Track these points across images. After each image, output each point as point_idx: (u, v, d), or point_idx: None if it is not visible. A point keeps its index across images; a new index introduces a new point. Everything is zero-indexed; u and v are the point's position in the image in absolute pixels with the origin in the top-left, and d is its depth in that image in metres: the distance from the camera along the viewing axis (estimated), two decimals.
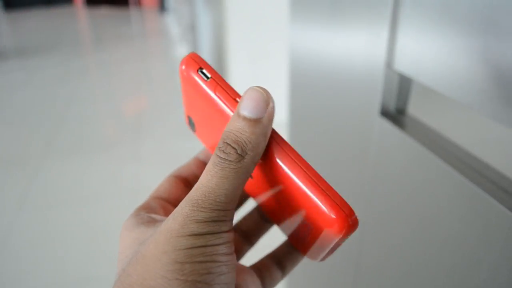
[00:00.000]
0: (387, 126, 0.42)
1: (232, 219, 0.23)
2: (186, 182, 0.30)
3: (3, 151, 2.20)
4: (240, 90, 0.26)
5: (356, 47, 0.45)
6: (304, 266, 0.74)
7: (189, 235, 0.21)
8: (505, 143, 0.54)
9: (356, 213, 0.20)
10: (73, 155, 2.12)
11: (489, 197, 0.30)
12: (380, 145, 0.44)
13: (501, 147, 0.52)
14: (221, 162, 0.21)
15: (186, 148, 2.07)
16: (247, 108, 0.21)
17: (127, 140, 2.25)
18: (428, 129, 0.40)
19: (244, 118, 0.21)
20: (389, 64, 0.41)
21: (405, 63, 0.38)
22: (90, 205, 1.70)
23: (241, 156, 0.21)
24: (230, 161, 0.21)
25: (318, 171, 0.25)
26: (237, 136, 0.21)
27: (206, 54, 2.23)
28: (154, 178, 0.28)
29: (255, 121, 0.21)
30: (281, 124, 0.49)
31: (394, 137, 0.41)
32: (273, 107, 0.22)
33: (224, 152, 0.21)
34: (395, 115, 0.43)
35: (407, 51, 0.38)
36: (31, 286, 1.33)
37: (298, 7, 0.60)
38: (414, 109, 0.43)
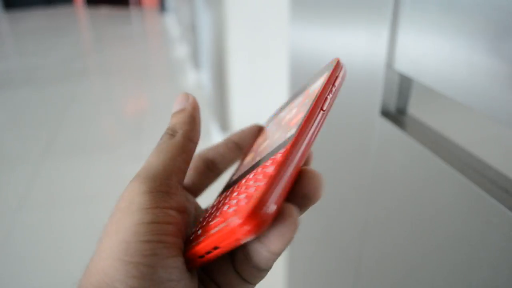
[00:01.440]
0: (387, 126, 0.42)
1: (177, 196, 0.23)
2: (211, 163, 0.31)
3: (3, 151, 2.20)
4: (240, 89, 0.27)
5: (357, 47, 0.45)
6: (305, 266, 0.74)
7: (137, 210, 0.22)
8: (505, 143, 0.54)
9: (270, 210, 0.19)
10: (73, 155, 2.12)
11: (489, 196, 0.30)
12: (381, 145, 0.44)
13: (501, 147, 0.52)
14: (159, 143, 0.26)
15: None
16: (173, 107, 0.28)
17: (127, 140, 2.25)
18: (429, 129, 0.40)
19: (172, 114, 0.28)
20: (389, 64, 0.41)
21: (405, 63, 0.38)
22: (91, 205, 1.70)
23: (171, 135, 0.26)
24: (164, 140, 0.26)
25: (319, 171, 0.24)
26: (169, 125, 0.27)
27: (206, 54, 2.23)
28: None
29: (179, 111, 0.27)
30: None
31: (395, 137, 0.41)
32: (193, 99, 0.28)
33: (161, 137, 0.26)
34: (396, 115, 0.43)
35: (407, 51, 0.38)
36: (31, 286, 1.33)
37: (298, 7, 0.60)
38: (414, 109, 0.43)
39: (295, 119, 0.24)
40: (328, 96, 0.24)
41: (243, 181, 0.23)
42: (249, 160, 0.28)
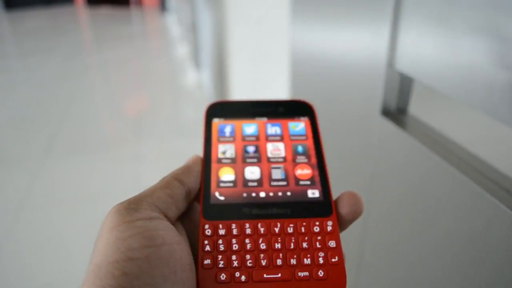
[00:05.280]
0: (388, 125, 0.42)
1: (147, 211, 0.23)
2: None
3: (4, 150, 2.20)
4: (241, 89, 0.27)
5: (358, 47, 0.45)
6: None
7: (105, 231, 0.22)
8: (506, 142, 0.54)
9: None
10: (74, 155, 2.12)
11: (490, 195, 0.30)
12: (382, 144, 0.44)
13: (502, 146, 0.52)
14: None
15: (186, 148, 2.07)
16: None
17: (127, 140, 2.25)
18: (429, 128, 0.40)
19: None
20: (390, 64, 0.41)
21: (406, 63, 0.38)
22: (91, 205, 1.70)
23: (161, 179, 0.27)
24: None
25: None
26: None
27: (207, 54, 2.23)
28: (155, 178, 0.28)
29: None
30: None
31: (395, 136, 0.41)
32: (195, 156, 0.29)
33: None
34: (396, 114, 0.43)
35: (408, 51, 0.38)
36: (32, 286, 1.33)
37: (299, 7, 0.60)
38: (415, 108, 0.43)
39: (301, 169, 0.28)
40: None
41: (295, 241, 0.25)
42: (233, 179, 0.28)
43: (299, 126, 0.30)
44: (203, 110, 0.32)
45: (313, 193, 0.27)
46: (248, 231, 0.25)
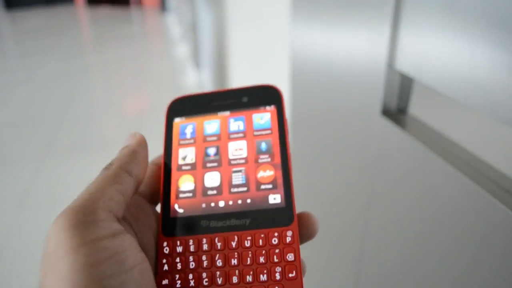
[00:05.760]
0: (388, 125, 0.42)
1: (108, 222, 0.21)
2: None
3: (4, 151, 2.20)
4: None
5: (358, 47, 0.45)
6: (305, 265, 0.74)
7: (66, 252, 0.20)
8: (506, 143, 0.54)
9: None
10: (74, 155, 2.12)
11: (490, 196, 0.30)
12: (382, 144, 0.44)
13: (502, 147, 0.52)
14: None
15: None
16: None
17: None
18: (429, 129, 0.40)
19: (119, 149, 0.27)
20: (390, 63, 0.41)
21: (406, 63, 0.38)
22: None
23: (107, 169, 0.25)
24: (98, 174, 0.25)
25: (320, 170, 0.26)
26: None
27: (207, 54, 2.23)
28: None
29: (122, 148, 0.27)
30: None
31: (395, 136, 0.41)
32: (140, 136, 0.27)
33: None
34: (396, 114, 0.43)
35: (408, 51, 0.38)
36: (31, 286, 1.33)
37: (299, 7, 0.60)
38: (415, 108, 0.43)
39: (263, 170, 0.26)
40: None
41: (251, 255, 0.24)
42: (193, 188, 0.27)
43: (264, 118, 0.28)
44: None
45: (275, 198, 0.25)
46: (205, 247, 0.24)
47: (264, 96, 0.29)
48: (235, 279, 0.23)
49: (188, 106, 0.30)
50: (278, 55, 0.92)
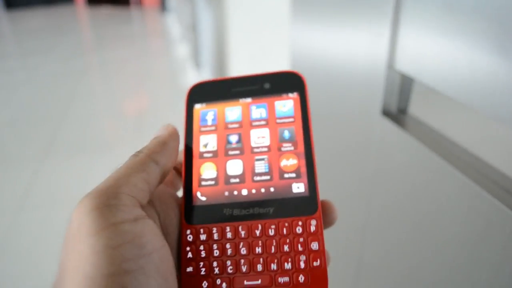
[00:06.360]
0: (388, 125, 0.42)
1: (130, 207, 0.22)
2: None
3: (4, 151, 2.20)
4: None
5: (358, 47, 0.45)
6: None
7: (88, 234, 0.20)
8: (506, 143, 0.54)
9: None
10: (74, 155, 2.12)
11: (490, 195, 0.30)
12: (382, 144, 0.44)
13: (502, 146, 0.52)
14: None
15: None
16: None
17: (128, 140, 2.25)
18: (429, 129, 0.40)
19: (151, 139, 0.27)
20: (390, 64, 0.41)
21: (406, 63, 0.38)
22: None
23: (135, 156, 0.25)
24: (129, 158, 0.25)
25: (320, 170, 0.26)
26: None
27: (207, 54, 2.23)
28: None
29: (154, 138, 0.27)
30: None
31: (396, 136, 0.41)
32: (173, 128, 0.28)
33: None
34: (397, 114, 0.43)
35: (408, 51, 0.38)
36: (31, 286, 1.33)
37: (299, 7, 0.60)
38: (415, 108, 0.43)
39: (286, 159, 0.26)
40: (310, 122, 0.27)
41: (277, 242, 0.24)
42: (215, 176, 0.27)
43: (286, 105, 0.28)
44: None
45: (298, 187, 0.25)
46: (229, 235, 0.24)
47: (287, 82, 0.28)
48: (259, 267, 0.23)
49: (209, 92, 0.29)
50: (278, 55, 0.92)
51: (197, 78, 3.01)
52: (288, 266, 0.23)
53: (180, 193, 0.28)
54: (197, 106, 0.29)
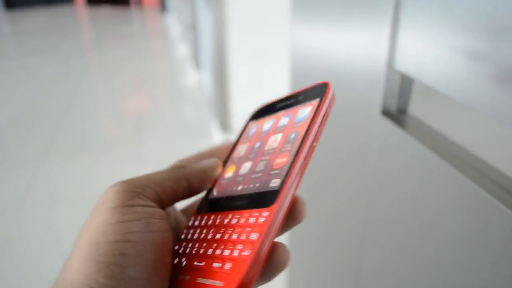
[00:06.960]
0: (388, 125, 0.42)
1: (148, 198, 0.25)
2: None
3: (3, 151, 2.20)
4: (241, 89, 0.27)
5: (358, 47, 0.45)
6: (305, 266, 0.74)
7: (106, 210, 0.23)
8: (506, 143, 0.54)
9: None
10: (74, 155, 2.12)
11: (490, 196, 0.30)
12: (382, 145, 0.44)
13: (502, 147, 0.52)
14: None
15: (186, 148, 2.07)
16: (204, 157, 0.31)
17: (127, 140, 2.25)
18: (429, 129, 0.40)
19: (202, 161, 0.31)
20: (390, 64, 0.41)
21: (406, 63, 0.38)
22: (91, 205, 1.70)
23: (177, 168, 0.29)
24: (172, 165, 0.29)
25: (320, 170, 0.26)
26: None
27: (207, 54, 2.23)
28: None
29: (202, 162, 0.30)
30: None
31: (396, 136, 0.41)
32: (219, 163, 0.31)
33: None
34: (397, 114, 0.43)
35: (408, 51, 0.38)
36: (31, 286, 1.33)
37: (299, 7, 0.60)
38: (415, 108, 0.43)
39: (280, 157, 0.27)
40: (320, 129, 0.27)
41: (232, 227, 0.25)
42: (231, 175, 0.30)
43: (305, 111, 0.29)
44: (203, 110, 0.34)
45: (275, 182, 0.26)
46: (210, 222, 0.27)
47: (315, 92, 0.29)
48: (210, 251, 0.25)
49: (263, 110, 0.33)
50: (278, 55, 0.92)
51: (197, 78, 3.01)
52: (227, 252, 0.23)
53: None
54: (250, 122, 0.34)
